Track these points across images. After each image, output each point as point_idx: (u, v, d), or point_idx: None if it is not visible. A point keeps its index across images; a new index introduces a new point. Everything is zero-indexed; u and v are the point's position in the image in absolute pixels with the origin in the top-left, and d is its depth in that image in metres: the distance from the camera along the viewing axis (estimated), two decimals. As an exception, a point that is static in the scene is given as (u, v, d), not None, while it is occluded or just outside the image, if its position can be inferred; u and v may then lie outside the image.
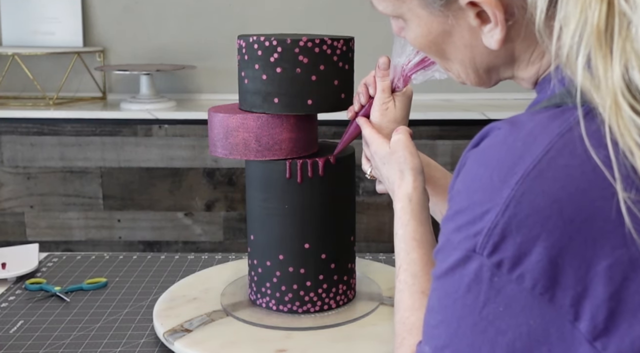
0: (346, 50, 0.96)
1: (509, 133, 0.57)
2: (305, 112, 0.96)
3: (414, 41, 0.70)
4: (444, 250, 0.59)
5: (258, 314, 1.02)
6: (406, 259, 0.77)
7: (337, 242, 1.02)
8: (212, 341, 0.95)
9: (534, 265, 0.53)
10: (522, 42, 0.65)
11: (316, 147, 1.03)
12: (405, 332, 0.71)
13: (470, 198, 0.57)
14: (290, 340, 0.95)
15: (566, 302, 0.53)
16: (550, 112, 0.57)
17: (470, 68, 0.69)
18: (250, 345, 0.93)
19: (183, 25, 2.42)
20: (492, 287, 0.55)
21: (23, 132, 2.20)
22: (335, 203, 1.00)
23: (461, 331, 0.57)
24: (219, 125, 0.97)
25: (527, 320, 0.55)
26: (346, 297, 1.05)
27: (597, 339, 0.53)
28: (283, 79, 0.94)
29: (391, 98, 0.90)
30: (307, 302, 1.01)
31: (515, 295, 0.55)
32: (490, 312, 0.56)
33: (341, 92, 0.97)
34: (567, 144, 0.54)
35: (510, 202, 0.54)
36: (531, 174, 0.54)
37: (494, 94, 2.43)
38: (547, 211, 0.53)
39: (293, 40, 0.93)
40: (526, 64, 0.67)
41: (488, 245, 0.55)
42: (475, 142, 0.60)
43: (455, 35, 0.66)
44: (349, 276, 1.05)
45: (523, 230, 0.54)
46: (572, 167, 0.53)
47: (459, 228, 0.57)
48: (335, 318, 1.00)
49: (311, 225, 0.99)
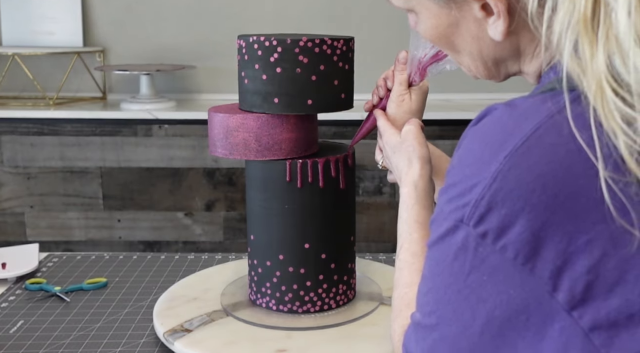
0: (346, 50, 0.96)
1: (504, 112, 0.60)
2: (305, 112, 0.96)
3: (425, 33, 0.73)
4: (437, 220, 0.63)
5: (258, 314, 1.02)
6: (408, 239, 0.80)
7: (337, 242, 1.02)
8: (212, 341, 0.95)
9: (516, 237, 0.56)
10: (526, 34, 0.67)
11: (316, 147, 1.03)
12: (403, 305, 0.75)
13: (462, 172, 0.60)
14: (291, 340, 0.95)
15: (546, 273, 0.56)
16: (543, 96, 0.60)
17: (478, 60, 0.72)
18: (250, 345, 0.93)
19: (183, 25, 2.42)
20: (477, 256, 0.58)
21: (23, 132, 2.20)
22: (335, 203, 1.00)
23: (446, 297, 0.61)
24: (219, 125, 0.97)
25: (508, 289, 0.57)
26: (346, 297, 1.05)
27: (574, 309, 0.56)
28: (283, 78, 0.94)
29: (407, 91, 0.93)
30: (307, 302, 1.01)
31: (498, 265, 0.57)
32: (474, 280, 0.59)
33: (341, 92, 0.97)
34: (555, 125, 0.57)
35: (497, 175, 0.57)
36: (519, 150, 0.57)
37: (493, 94, 2.43)
38: (532, 185, 0.56)
39: (293, 40, 0.93)
40: (531, 57, 0.69)
41: (474, 216, 0.58)
42: (476, 120, 0.63)
43: (462, 27, 0.69)
44: (349, 276, 1.05)
45: (508, 202, 0.56)
46: (558, 145, 0.56)
47: (451, 199, 0.60)
48: (335, 318, 1.00)
49: (311, 225, 0.99)
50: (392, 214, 2.22)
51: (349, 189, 1.02)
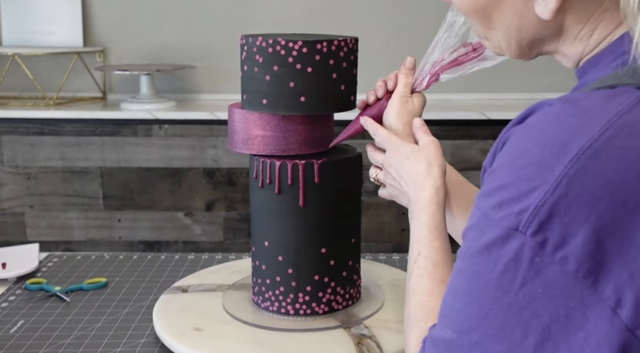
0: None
1: (562, 109, 0.55)
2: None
3: (461, 3, 0.69)
4: (478, 227, 0.58)
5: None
6: (428, 246, 0.76)
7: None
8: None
9: (579, 248, 0.52)
10: (574, 15, 0.63)
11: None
12: (423, 314, 0.70)
13: (515, 174, 0.55)
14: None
15: (609, 287, 0.52)
16: (605, 92, 0.56)
17: (514, 38, 0.67)
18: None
19: (183, 25, 2.42)
20: (532, 267, 0.53)
21: (23, 132, 2.20)
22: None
23: (492, 313, 0.55)
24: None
25: (567, 303, 0.53)
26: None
27: (638, 328, 0.52)
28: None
29: (411, 96, 0.91)
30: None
31: (556, 277, 0.53)
32: (527, 294, 0.54)
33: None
34: (625, 125, 0.53)
35: (562, 180, 0.52)
36: (586, 153, 0.52)
37: (494, 94, 2.43)
38: (599, 192, 0.52)
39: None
40: (573, 39, 0.65)
41: (533, 224, 0.53)
42: (520, 118, 0.59)
43: (507, 0, 0.65)
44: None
45: (572, 210, 0.52)
46: (629, 149, 0.52)
47: (500, 204, 0.55)
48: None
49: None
50: (392, 214, 2.22)
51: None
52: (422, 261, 0.75)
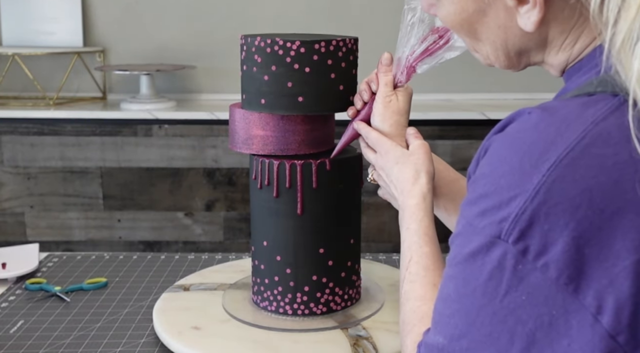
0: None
1: (541, 118, 0.56)
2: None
3: (445, 18, 0.69)
4: (464, 234, 0.58)
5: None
6: (418, 252, 0.77)
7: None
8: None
9: (559, 255, 0.52)
10: (557, 26, 0.63)
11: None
12: (416, 319, 0.71)
13: (496, 183, 0.56)
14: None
15: (590, 294, 0.52)
16: (583, 100, 0.56)
17: (501, 50, 0.68)
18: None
19: (183, 25, 2.42)
20: (516, 274, 0.54)
21: (23, 132, 2.20)
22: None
23: (479, 320, 0.56)
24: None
25: (550, 310, 0.53)
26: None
27: (619, 334, 0.52)
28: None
29: (394, 92, 0.90)
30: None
31: (539, 284, 0.53)
32: (512, 301, 0.54)
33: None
34: (601, 133, 0.53)
35: (540, 188, 0.53)
36: (564, 161, 0.53)
37: (494, 94, 2.43)
38: (577, 199, 0.52)
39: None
40: (557, 49, 0.66)
41: (514, 232, 0.54)
42: (500, 126, 0.59)
43: (490, 14, 0.65)
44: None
45: (552, 217, 0.52)
46: (605, 156, 0.52)
47: (483, 212, 0.56)
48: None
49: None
50: (392, 214, 2.22)
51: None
52: (413, 267, 0.76)
